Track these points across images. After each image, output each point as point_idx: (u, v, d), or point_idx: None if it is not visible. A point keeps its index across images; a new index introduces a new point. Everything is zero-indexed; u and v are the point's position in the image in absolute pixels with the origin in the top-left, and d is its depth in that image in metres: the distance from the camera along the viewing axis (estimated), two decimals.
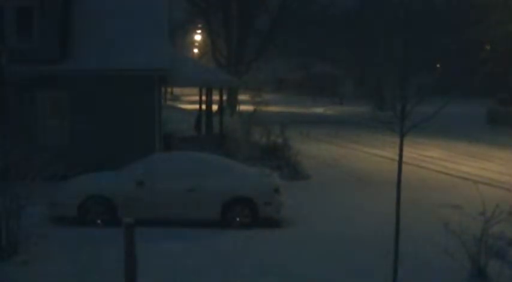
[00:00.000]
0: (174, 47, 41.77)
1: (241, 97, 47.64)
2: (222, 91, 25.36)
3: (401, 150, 9.06)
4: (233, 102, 43.66)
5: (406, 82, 8.89)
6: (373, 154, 27.02)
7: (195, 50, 75.13)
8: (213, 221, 13.95)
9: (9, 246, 10.33)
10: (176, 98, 70.99)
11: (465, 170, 22.72)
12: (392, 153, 17.37)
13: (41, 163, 10.51)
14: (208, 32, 51.34)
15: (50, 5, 19.11)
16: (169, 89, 66.73)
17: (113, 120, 19.14)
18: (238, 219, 14.00)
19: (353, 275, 10.49)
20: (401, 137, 8.97)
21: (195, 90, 31.46)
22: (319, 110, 62.42)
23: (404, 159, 9.15)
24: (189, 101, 57.92)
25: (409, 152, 19.49)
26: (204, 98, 24.86)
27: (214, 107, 25.32)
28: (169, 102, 55.10)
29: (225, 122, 23.72)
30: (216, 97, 24.98)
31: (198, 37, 71.28)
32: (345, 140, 32.89)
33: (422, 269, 10.73)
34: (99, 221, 13.75)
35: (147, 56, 19.38)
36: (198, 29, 64.06)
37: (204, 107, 24.86)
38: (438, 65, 51.21)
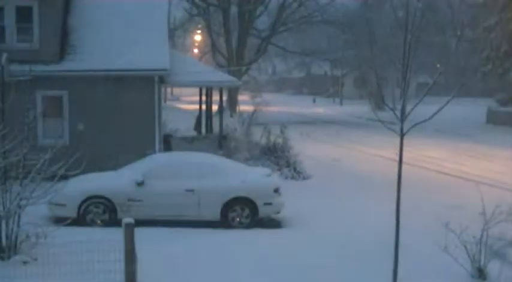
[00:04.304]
0: (174, 47, 41.77)
1: (241, 97, 47.67)
2: (222, 91, 25.33)
3: (401, 150, 9.06)
4: (233, 102, 43.66)
5: (406, 82, 8.89)
6: (373, 154, 27.02)
7: (195, 50, 75.14)
8: (213, 221, 13.95)
9: (9, 247, 10.33)
10: (176, 98, 71.03)
11: (465, 170, 22.72)
12: (392, 153, 17.35)
13: (41, 163, 10.50)
14: (208, 32, 51.33)
15: (50, 5, 19.11)
16: (169, 89, 66.83)
17: (113, 120, 19.14)
18: (238, 219, 14.01)
19: (353, 275, 10.49)
20: (401, 137, 8.97)
21: (195, 90, 31.43)
22: (319, 110, 62.43)
23: (404, 159, 9.15)
24: (189, 101, 57.92)
25: (409, 152, 19.47)
26: (204, 98, 24.84)
27: (214, 107, 25.29)
28: (169, 102, 55.12)
29: (225, 122, 23.68)
30: (216, 97, 24.95)
31: (198, 37, 71.29)
32: (345, 140, 32.90)
33: (423, 268, 10.73)
34: (99, 221, 13.78)
35: (147, 56, 19.38)
36: (198, 29, 64.07)
37: (204, 107, 24.84)
38: (438, 65, 51.17)
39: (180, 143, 21.25)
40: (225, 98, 34.05)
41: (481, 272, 10.30)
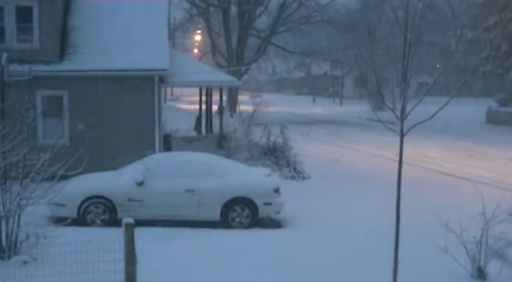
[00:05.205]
0: (174, 47, 41.78)
1: (241, 97, 47.65)
2: (222, 91, 25.33)
3: (401, 150, 9.06)
4: (233, 102, 43.66)
5: (406, 82, 8.89)
6: (373, 154, 27.02)
7: (195, 50, 75.16)
8: (213, 221, 13.95)
9: (9, 247, 10.33)
10: (176, 98, 71.06)
11: (465, 170, 22.71)
12: (392, 153, 17.38)
13: (41, 163, 10.50)
14: (208, 32, 51.36)
15: (50, 5, 19.11)
16: (169, 89, 66.85)
17: (113, 120, 19.15)
18: (238, 219, 14.01)
19: (353, 275, 10.49)
20: (401, 137, 8.97)
21: (195, 90, 31.44)
22: (319, 110, 62.46)
23: (404, 159, 9.14)
24: (189, 101, 57.89)
25: (409, 152, 19.47)
26: (204, 98, 24.84)
27: (214, 107, 25.29)
28: (169, 102, 55.13)
29: (225, 122, 23.68)
30: (216, 97, 24.96)
31: (198, 37, 71.32)
32: (344, 140, 32.91)
33: (423, 268, 10.72)
34: (99, 221, 13.78)
35: (147, 56, 19.38)
36: (198, 29, 64.11)
37: (204, 107, 24.84)
38: (438, 65, 51.18)
39: (180, 143, 21.25)
40: (225, 98, 34.05)
41: (481, 272, 10.29)
